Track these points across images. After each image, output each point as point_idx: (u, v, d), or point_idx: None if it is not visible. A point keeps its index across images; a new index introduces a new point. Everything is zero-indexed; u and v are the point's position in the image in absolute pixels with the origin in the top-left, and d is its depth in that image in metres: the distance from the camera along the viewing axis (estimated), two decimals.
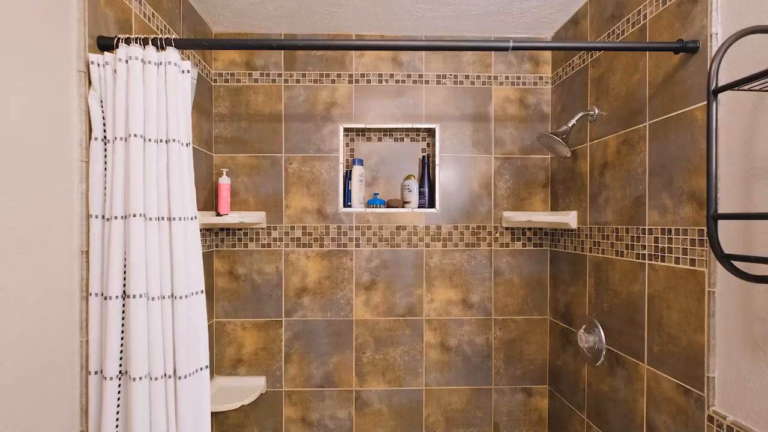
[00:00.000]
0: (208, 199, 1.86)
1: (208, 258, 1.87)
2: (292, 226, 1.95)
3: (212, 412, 1.84)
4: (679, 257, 1.18)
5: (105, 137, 1.05)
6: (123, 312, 1.03)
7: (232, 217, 1.76)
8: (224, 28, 1.92)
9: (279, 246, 1.95)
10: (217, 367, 1.94)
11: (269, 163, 1.95)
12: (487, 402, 2.00)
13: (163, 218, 1.04)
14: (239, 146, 1.95)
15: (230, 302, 1.95)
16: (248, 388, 1.85)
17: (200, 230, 1.77)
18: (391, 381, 1.97)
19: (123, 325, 1.03)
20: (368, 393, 1.97)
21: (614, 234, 1.48)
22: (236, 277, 1.95)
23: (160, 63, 1.05)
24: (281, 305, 1.95)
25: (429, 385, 1.98)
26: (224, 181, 1.83)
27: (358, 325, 1.96)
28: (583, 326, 1.64)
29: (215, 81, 1.94)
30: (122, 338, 1.03)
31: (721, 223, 1.00)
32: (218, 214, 1.81)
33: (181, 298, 1.04)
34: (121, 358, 1.03)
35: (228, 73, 1.94)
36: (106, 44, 1.09)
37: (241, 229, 1.95)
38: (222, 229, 1.94)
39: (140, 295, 1.00)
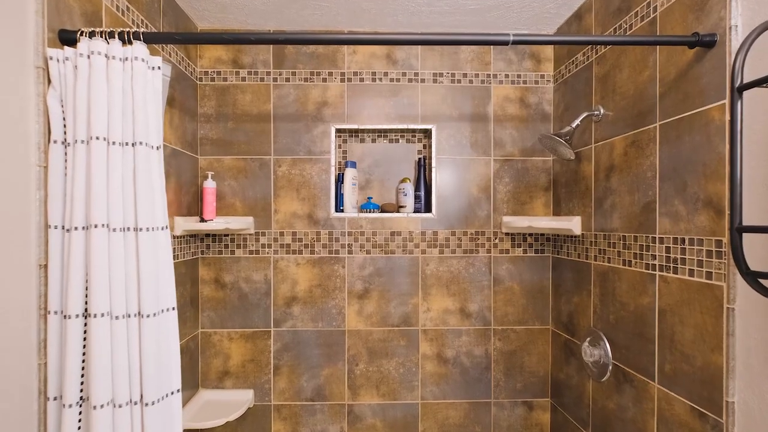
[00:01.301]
0: (192, 204, 1.77)
1: (192, 265, 1.78)
2: (282, 232, 1.86)
3: (196, 430, 1.75)
4: (693, 269, 1.09)
5: (65, 140, 0.96)
6: (85, 332, 0.93)
7: (217, 223, 1.67)
8: (210, 24, 1.83)
9: (267, 253, 1.86)
10: (202, 380, 1.85)
11: (257, 166, 1.85)
12: (486, 416, 1.90)
13: (129, 229, 0.95)
14: (226, 148, 1.85)
15: (216, 312, 1.85)
16: (235, 401, 1.76)
17: (184, 236, 1.68)
18: (386, 394, 1.88)
19: (84, 347, 0.93)
20: (361, 407, 1.87)
21: (621, 242, 1.38)
22: (223, 285, 1.85)
23: (126, 58, 0.96)
24: (270, 315, 1.86)
25: (425, 398, 1.89)
26: (209, 185, 1.74)
27: (350, 335, 1.87)
28: (588, 339, 1.55)
29: (200, 79, 1.84)
30: (83, 361, 0.93)
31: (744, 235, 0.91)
32: (203, 220, 1.72)
33: (149, 316, 0.95)
34: (82, 383, 0.93)
35: (214, 72, 1.85)
36: (68, 38, 1.00)
37: (227, 235, 1.85)
38: (208, 235, 1.85)
39: (103, 314, 0.91)
